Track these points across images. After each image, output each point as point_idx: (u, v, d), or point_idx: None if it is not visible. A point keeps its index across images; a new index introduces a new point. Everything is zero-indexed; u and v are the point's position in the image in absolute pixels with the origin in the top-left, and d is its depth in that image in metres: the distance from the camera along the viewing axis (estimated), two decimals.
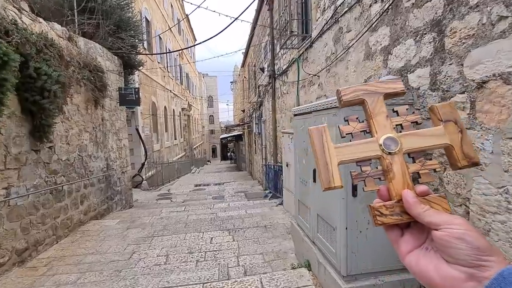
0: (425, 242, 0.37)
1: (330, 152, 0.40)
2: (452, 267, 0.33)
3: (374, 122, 0.42)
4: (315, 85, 4.52)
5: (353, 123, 0.44)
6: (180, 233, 4.33)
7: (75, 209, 4.60)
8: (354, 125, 0.43)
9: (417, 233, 0.38)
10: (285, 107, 6.60)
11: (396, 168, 0.39)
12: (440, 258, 0.34)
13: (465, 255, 0.32)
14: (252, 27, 10.66)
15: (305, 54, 4.93)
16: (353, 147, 0.41)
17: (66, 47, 4.58)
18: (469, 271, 0.31)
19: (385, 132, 0.41)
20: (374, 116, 0.42)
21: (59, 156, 4.16)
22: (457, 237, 0.32)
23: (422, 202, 0.37)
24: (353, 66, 3.26)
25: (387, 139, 0.40)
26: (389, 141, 0.40)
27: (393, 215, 0.38)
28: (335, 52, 3.74)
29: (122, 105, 6.61)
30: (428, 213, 0.36)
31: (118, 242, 4.05)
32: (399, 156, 0.40)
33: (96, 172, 5.38)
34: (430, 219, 0.35)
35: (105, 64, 5.94)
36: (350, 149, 0.41)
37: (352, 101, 0.43)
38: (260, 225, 4.58)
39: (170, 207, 6.51)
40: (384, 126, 0.41)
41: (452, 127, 0.40)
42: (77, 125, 4.72)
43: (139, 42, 7.25)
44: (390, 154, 0.40)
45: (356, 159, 0.41)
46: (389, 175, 0.39)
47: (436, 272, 0.34)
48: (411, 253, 0.37)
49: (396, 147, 0.40)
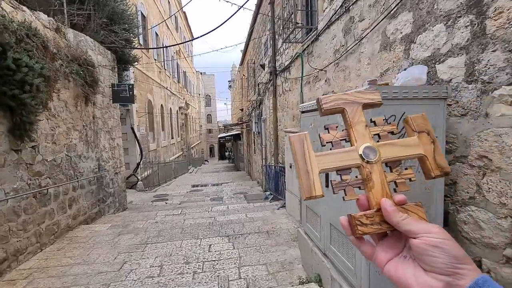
0: (403, 251, 0.37)
1: (312, 160, 0.40)
2: (430, 275, 0.33)
3: (353, 131, 0.42)
4: (321, 81, 4.22)
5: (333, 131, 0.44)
6: (176, 240, 4.01)
7: (63, 213, 4.26)
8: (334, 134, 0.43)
9: (395, 241, 0.38)
10: (287, 105, 6.30)
11: (375, 177, 0.40)
12: (418, 267, 0.34)
13: (441, 263, 0.32)
14: (251, 23, 10.34)
15: (310, 48, 4.63)
16: (334, 155, 0.41)
17: (53, 38, 4.24)
18: (446, 279, 0.32)
19: (364, 141, 0.41)
20: (353, 125, 0.42)
21: (44, 156, 3.82)
22: (434, 245, 0.33)
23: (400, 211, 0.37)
24: (366, 58, 2.96)
25: (366, 148, 0.41)
26: (368, 150, 0.41)
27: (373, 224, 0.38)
28: (345, 44, 3.44)
29: (115, 102, 6.27)
30: (407, 221, 0.36)
31: (108, 250, 3.73)
32: (377, 165, 0.40)
33: (86, 173, 5.04)
34: (409, 228, 0.35)
35: (97, 58, 5.60)
36: (331, 157, 0.41)
37: (333, 109, 0.43)
38: (262, 230, 4.28)
39: (166, 210, 6.18)
40: (363, 135, 0.42)
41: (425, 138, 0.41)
42: (65, 123, 4.38)
43: (134, 36, 6.90)
44: (369, 163, 0.40)
45: (337, 167, 0.41)
46: (369, 184, 0.40)
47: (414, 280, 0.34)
48: (390, 261, 0.37)
49: (375, 156, 0.40)
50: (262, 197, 7.51)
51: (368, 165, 0.40)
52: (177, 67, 19.25)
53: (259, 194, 8.46)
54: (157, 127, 13.10)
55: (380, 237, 0.40)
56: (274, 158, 7.43)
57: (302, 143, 0.41)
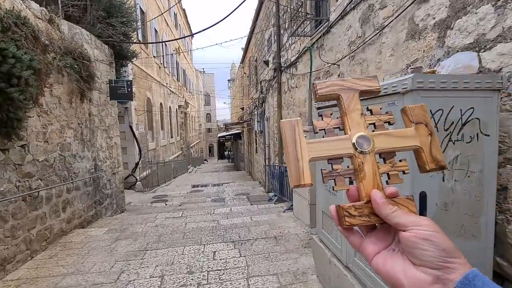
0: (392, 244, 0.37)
1: (302, 147, 0.39)
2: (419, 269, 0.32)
3: (348, 119, 0.41)
4: (333, 76, 3.94)
5: (327, 118, 0.42)
6: (178, 246, 3.74)
7: (56, 217, 3.98)
8: (328, 121, 0.42)
9: (383, 234, 0.38)
10: (293, 102, 6.02)
11: (368, 168, 0.39)
12: (407, 260, 0.34)
13: (431, 256, 0.32)
14: (254, 18, 10.05)
15: (320, 42, 4.36)
16: (326, 143, 0.40)
17: (46, 30, 3.95)
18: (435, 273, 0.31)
19: (358, 130, 0.40)
20: (348, 113, 0.41)
21: (34, 156, 3.54)
22: (424, 238, 0.32)
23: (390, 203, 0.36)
24: (389, 49, 2.69)
25: (360, 138, 0.39)
26: (362, 140, 0.39)
27: (362, 216, 0.37)
28: (362, 35, 3.16)
29: (113, 99, 5.98)
30: (396, 213, 0.35)
31: (104, 257, 3.45)
32: (371, 156, 0.39)
33: (82, 174, 4.75)
34: (398, 220, 0.35)
35: (93, 52, 5.30)
36: (322, 145, 0.40)
37: (328, 95, 0.42)
38: (270, 235, 4.01)
39: (166, 212, 5.90)
40: (358, 124, 0.40)
41: (423, 130, 0.40)
42: (58, 120, 4.09)
43: (132, 31, 6.60)
44: (362, 153, 0.39)
45: (328, 156, 0.39)
46: (360, 175, 0.39)
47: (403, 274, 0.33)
48: (378, 254, 0.37)
49: (368, 146, 0.39)
50: (266, 199, 7.24)
51: (361, 155, 0.39)
52: (176, 65, 18.94)
53: (262, 195, 8.18)
54: (156, 125, 12.80)
55: (369, 229, 0.39)
56: (278, 158, 7.16)
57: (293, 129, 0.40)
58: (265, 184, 9.33)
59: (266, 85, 8.60)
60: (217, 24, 5.92)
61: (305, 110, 5.23)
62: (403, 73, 2.51)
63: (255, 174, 13.15)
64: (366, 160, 0.38)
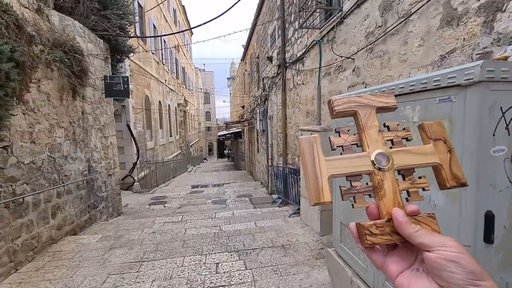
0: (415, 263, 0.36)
1: (321, 165, 0.39)
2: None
3: (366, 135, 0.41)
4: (346, 71, 3.62)
5: (344, 135, 0.42)
6: (177, 256, 3.42)
7: (44, 224, 3.66)
8: (345, 138, 0.42)
9: (406, 253, 0.37)
10: (299, 100, 5.70)
11: (387, 185, 0.38)
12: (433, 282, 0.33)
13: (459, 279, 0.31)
14: (256, 13, 9.69)
15: (331, 34, 4.03)
16: (345, 161, 0.39)
17: (33, 20, 3.61)
18: None
19: (376, 147, 0.40)
20: (366, 130, 0.41)
21: (19, 158, 3.21)
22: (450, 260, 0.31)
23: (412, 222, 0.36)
24: (417, 39, 2.37)
25: (379, 155, 0.39)
26: (380, 157, 0.39)
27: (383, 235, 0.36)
28: (382, 24, 2.84)
29: (108, 96, 5.64)
30: (420, 233, 0.34)
31: (96, 270, 3.13)
32: (390, 173, 0.38)
33: (74, 177, 4.43)
34: (422, 240, 0.34)
35: (87, 46, 4.96)
36: (341, 162, 0.39)
37: (345, 112, 0.42)
38: (277, 244, 3.70)
39: (165, 216, 5.59)
40: (376, 141, 0.40)
41: (442, 146, 0.40)
42: (47, 118, 3.76)
43: (129, 24, 6.26)
44: (381, 170, 0.38)
45: (347, 173, 0.39)
46: (380, 192, 0.38)
47: None
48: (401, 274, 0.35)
49: (387, 163, 0.39)
50: (269, 201, 6.93)
51: (380, 172, 0.38)
52: (175, 62, 18.58)
53: (265, 197, 7.88)
54: (155, 124, 12.46)
55: (391, 248, 0.38)
56: (282, 159, 6.84)
57: (312, 146, 0.40)
58: (268, 185, 9.02)
59: (269, 82, 8.26)
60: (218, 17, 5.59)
61: (313, 108, 4.91)
62: (435, 66, 2.19)
63: (257, 174, 12.84)
64: (385, 178, 0.38)
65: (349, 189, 0.39)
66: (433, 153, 0.39)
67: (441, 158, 0.39)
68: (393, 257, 0.37)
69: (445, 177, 0.39)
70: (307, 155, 0.39)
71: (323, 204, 0.38)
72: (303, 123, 5.42)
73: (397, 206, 0.37)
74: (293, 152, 6.20)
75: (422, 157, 0.39)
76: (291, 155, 6.40)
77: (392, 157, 0.39)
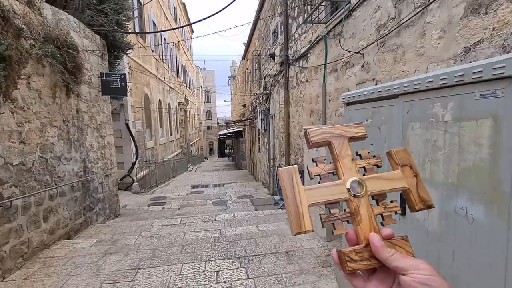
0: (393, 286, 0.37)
1: (301, 194, 0.40)
2: None
3: (340, 164, 0.42)
4: (355, 67, 3.41)
5: (321, 164, 0.44)
6: (175, 263, 3.23)
7: (35, 228, 3.47)
8: (322, 167, 0.43)
9: (384, 277, 0.38)
10: (302, 98, 5.49)
11: (363, 211, 0.40)
12: None
13: None
14: (257, 9, 9.47)
15: (337, 29, 3.82)
16: (322, 189, 0.41)
17: (23, 12, 3.41)
18: None
19: (351, 175, 0.41)
20: (340, 159, 0.42)
21: (7, 159, 3.02)
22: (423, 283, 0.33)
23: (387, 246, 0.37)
24: (437, 30, 2.16)
25: (354, 182, 0.41)
26: (355, 184, 0.41)
27: (363, 260, 0.38)
28: (396, 15, 2.63)
29: (105, 94, 5.45)
30: (395, 257, 0.36)
31: (88, 278, 2.94)
32: (365, 199, 0.40)
33: (68, 178, 4.24)
34: (397, 264, 0.35)
35: (82, 42, 4.77)
36: (319, 191, 0.41)
37: (320, 142, 0.44)
38: (280, 250, 3.50)
39: (163, 218, 5.40)
40: (350, 169, 0.42)
41: (408, 172, 0.42)
42: (38, 117, 3.57)
43: (127, 19, 6.06)
44: (356, 197, 0.40)
45: (326, 201, 0.41)
46: (356, 218, 0.40)
47: None
48: None
49: (362, 190, 0.40)
50: (271, 202, 6.74)
51: (356, 198, 0.40)
52: (176, 60, 18.37)
53: (266, 198, 7.68)
54: (155, 123, 12.27)
55: (370, 272, 0.39)
56: (285, 159, 6.64)
57: (291, 176, 0.41)
58: (269, 186, 8.83)
59: (271, 80, 8.05)
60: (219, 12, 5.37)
61: (317, 107, 4.71)
62: (458, 60, 1.98)
63: (258, 174, 12.64)
64: (361, 204, 0.40)
65: (328, 216, 0.40)
66: (401, 178, 0.41)
67: (409, 182, 0.41)
68: (372, 281, 0.38)
69: (413, 200, 0.41)
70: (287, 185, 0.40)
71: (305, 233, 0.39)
72: (307, 122, 5.21)
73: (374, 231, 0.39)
74: (296, 152, 6.00)
75: (392, 182, 0.41)
76: (294, 155, 6.19)
77: (365, 184, 0.41)
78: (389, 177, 0.41)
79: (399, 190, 0.41)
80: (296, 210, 0.39)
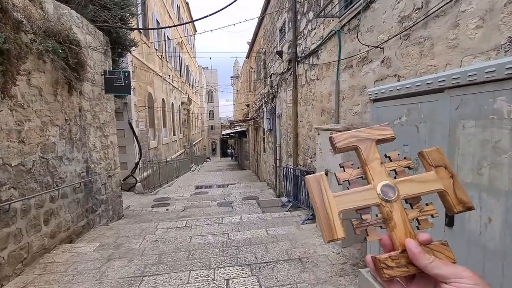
0: None
1: (330, 201, 0.39)
2: None
3: (369, 168, 0.41)
4: (373, 63, 3.21)
5: (349, 169, 0.42)
6: (181, 271, 3.05)
7: (35, 232, 3.30)
8: (350, 172, 0.42)
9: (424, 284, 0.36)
10: (312, 97, 5.29)
11: (397, 216, 0.38)
12: None
13: None
14: (263, 7, 9.28)
15: (353, 22, 3.62)
16: (352, 195, 0.40)
17: (23, 6, 3.24)
18: None
19: (381, 179, 0.40)
20: (368, 163, 0.41)
21: (5, 160, 2.85)
22: None
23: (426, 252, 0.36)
24: (474, 19, 1.96)
25: (385, 186, 0.39)
26: (386, 188, 0.39)
27: (400, 267, 0.36)
28: (423, 6, 2.43)
29: (108, 92, 5.29)
30: (435, 264, 0.34)
31: (91, 286, 2.77)
32: (398, 203, 0.39)
33: (70, 179, 4.07)
34: (438, 271, 0.34)
35: (85, 38, 4.60)
36: (349, 197, 0.40)
37: (346, 147, 0.42)
38: (292, 256, 3.31)
39: (168, 221, 5.22)
40: (380, 173, 0.40)
41: (443, 173, 0.40)
42: (38, 115, 3.40)
43: (131, 16, 5.89)
44: (389, 201, 0.39)
45: (356, 207, 0.39)
46: (390, 224, 0.38)
47: None
48: None
49: (394, 194, 0.39)
50: (278, 204, 6.54)
51: (388, 203, 0.38)
52: (179, 60, 18.23)
53: (273, 199, 7.49)
54: (158, 123, 12.12)
55: (409, 279, 0.37)
56: (292, 159, 6.44)
57: (319, 184, 0.40)
58: (275, 187, 8.64)
59: (278, 79, 7.85)
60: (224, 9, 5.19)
61: (329, 105, 4.51)
62: (502, 51, 1.78)
63: (263, 174, 12.45)
64: (394, 208, 0.38)
65: (360, 222, 0.39)
66: (436, 180, 0.39)
67: (445, 184, 0.39)
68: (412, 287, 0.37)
69: (451, 202, 0.39)
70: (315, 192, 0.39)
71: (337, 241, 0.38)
72: (318, 121, 5.01)
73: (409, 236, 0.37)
74: (305, 152, 5.80)
75: (426, 184, 0.40)
76: (302, 156, 5.99)
77: (397, 188, 0.39)
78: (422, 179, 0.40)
79: (434, 192, 0.40)
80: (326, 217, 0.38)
